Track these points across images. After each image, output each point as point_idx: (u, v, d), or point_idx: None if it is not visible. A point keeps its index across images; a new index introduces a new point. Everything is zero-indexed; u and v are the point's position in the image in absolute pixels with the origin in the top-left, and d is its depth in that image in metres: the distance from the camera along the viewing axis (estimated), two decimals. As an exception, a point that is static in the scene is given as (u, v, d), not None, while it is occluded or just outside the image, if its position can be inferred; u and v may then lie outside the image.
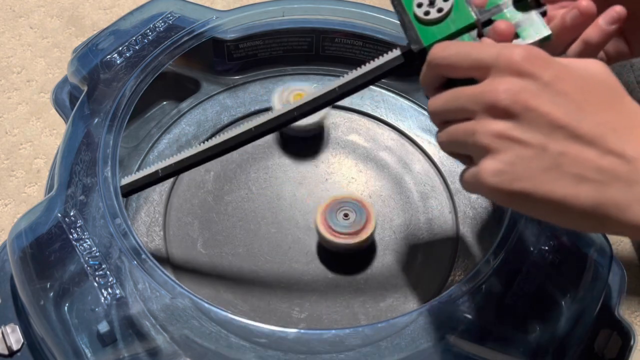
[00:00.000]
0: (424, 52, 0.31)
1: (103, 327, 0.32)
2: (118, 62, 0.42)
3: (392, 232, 0.43)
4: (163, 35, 0.44)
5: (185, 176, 0.45)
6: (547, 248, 0.35)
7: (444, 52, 0.28)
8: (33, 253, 0.34)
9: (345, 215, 0.40)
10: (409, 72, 0.49)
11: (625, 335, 0.36)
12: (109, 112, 0.39)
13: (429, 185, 0.45)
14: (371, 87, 0.50)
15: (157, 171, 0.38)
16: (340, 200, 0.40)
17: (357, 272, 0.41)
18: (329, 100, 0.35)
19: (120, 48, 0.43)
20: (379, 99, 0.50)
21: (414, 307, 0.39)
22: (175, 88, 0.49)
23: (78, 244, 0.34)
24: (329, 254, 0.42)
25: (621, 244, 0.56)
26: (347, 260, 0.41)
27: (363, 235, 0.39)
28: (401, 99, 0.50)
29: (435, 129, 0.30)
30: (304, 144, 0.47)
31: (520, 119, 0.25)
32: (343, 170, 0.46)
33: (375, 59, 0.34)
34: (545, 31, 0.30)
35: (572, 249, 0.36)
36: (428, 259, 0.42)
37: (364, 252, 0.42)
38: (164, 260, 0.41)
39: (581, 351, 0.35)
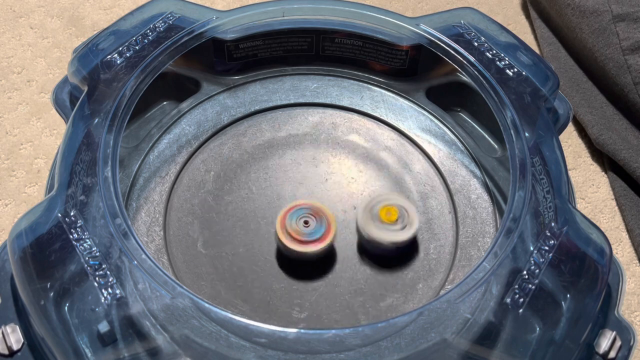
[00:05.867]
0: None
1: (103, 327, 0.32)
2: (118, 62, 0.42)
3: (392, 232, 0.43)
4: (163, 36, 0.44)
5: (185, 176, 0.45)
6: (547, 248, 0.35)
7: None
8: (33, 253, 0.34)
9: (306, 222, 0.40)
10: (410, 72, 0.49)
11: (625, 335, 0.36)
12: (109, 112, 0.39)
13: (429, 185, 0.45)
14: (371, 87, 0.50)
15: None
16: (301, 206, 0.40)
17: (357, 272, 0.41)
18: None
19: (121, 48, 0.43)
20: (379, 99, 0.50)
21: (414, 307, 0.39)
22: (175, 88, 0.49)
23: (78, 244, 0.34)
24: (329, 254, 0.42)
25: (621, 243, 0.56)
26: (347, 260, 0.42)
27: (322, 244, 0.39)
28: (401, 99, 0.50)
29: (435, 128, 0.30)
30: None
31: None
32: (343, 170, 0.46)
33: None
34: None
35: (572, 249, 0.36)
36: (428, 258, 0.42)
37: (364, 253, 0.42)
38: (164, 260, 0.41)
39: (581, 351, 0.35)
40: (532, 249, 0.35)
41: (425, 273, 0.41)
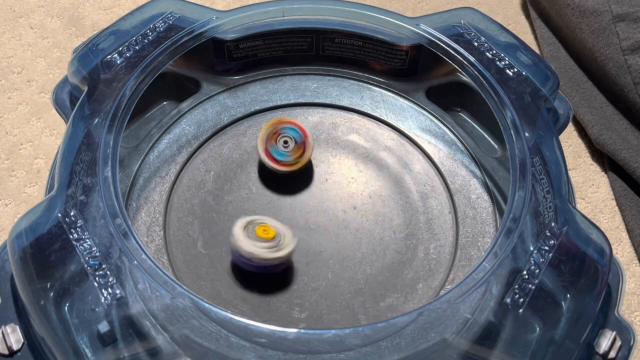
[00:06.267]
0: None
1: (103, 327, 0.32)
2: (118, 62, 0.42)
3: (392, 232, 0.43)
4: (163, 36, 0.44)
5: (185, 176, 0.45)
6: (547, 248, 0.35)
7: None
8: (33, 253, 0.34)
9: (285, 142, 0.42)
10: (410, 72, 0.49)
11: (625, 335, 0.36)
12: (109, 112, 0.39)
13: (429, 185, 0.45)
14: (371, 87, 0.50)
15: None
16: (279, 126, 0.43)
17: (357, 272, 0.41)
18: None
19: (121, 48, 0.43)
20: (379, 99, 0.50)
21: (414, 307, 0.39)
22: (175, 88, 0.49)
23: (78, 244, 0.34)
24: (330, 254, 0.42)
25: (621, 243, 0.56)
26: (347, 260, 0.42)
27: (302, 162, 0.42)
28: (401, 99, 0.50)
29: (435, 128, 0.30)
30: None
31: None
32: (343, 170, 0.46)
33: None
34: None
35: (572, 249, 0.36)
36: (428, 258, 0.42)
37: (363, 253, 0.42)
38: (164, 260, 0.41)
39: (581, 351, 0.35)
40: (532, 249, 0.35)
41: (425, 273, 0.41)
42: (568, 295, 0.34)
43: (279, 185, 0.45)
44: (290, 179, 0.45)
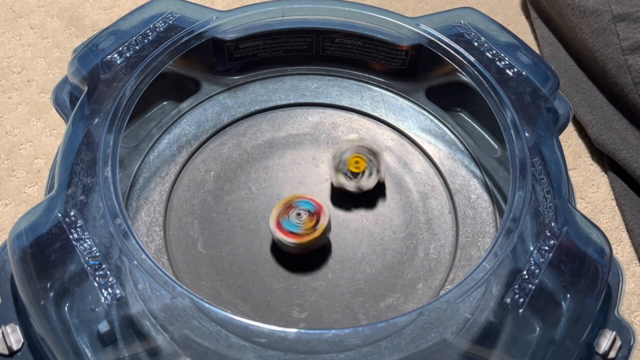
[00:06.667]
0: None
1: (103, 327, 0.32)
2: (118, 62, 0.42)
3: (392, 232, 0.43)
4: (163, 36, 0.44)
5: (185, 176, 0.45)
6: (547, 248, 0.35)
7: None
8: (33, 253, 0.34)
9: (298, 214, 0.40)
10: (410, 72, 0.49)
11: (625, 335, 0.36)
12: (109, 112, 0.39)
13: (429, 185, 0.45)
14: (371, 87, 0.50)
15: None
16: (295, 200, 0.41)
17: (357, 272, 0.41)
18: None
19: (121, 48, 0.43)
20: (379, 99, 0.50)
21: (414, 307, 0.39)
22: (175, 88, 0.49)
23: (78, 244, 0.34)
24: (329, 254, 0.42)
25: (621, 243, 0.56)
26: (347, 260, 0.42)
27: (313, 235, 0.40)
28: (401, 99, 0.50)
29: (435, 128, 0.30)
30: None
31: None
32: (343, 170, 0.46)
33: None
34: None
35: (572, 249, 0.36)
36: (428, 258, 0.42)
37: (363, 253, 0.42)
38: (164, 260, 0.41)
39: (581, 351, 0.35)
40: (532, 249, 0.35)
41: (425, 273, 0.41)
42: (568, 295, 0.34)
43: (279, 186, 0.45)
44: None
